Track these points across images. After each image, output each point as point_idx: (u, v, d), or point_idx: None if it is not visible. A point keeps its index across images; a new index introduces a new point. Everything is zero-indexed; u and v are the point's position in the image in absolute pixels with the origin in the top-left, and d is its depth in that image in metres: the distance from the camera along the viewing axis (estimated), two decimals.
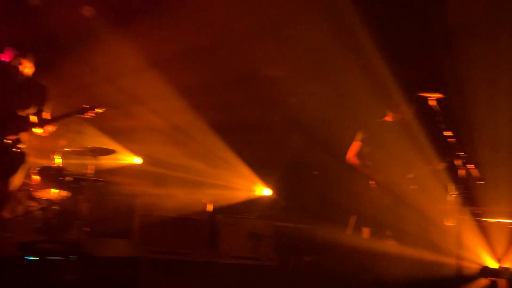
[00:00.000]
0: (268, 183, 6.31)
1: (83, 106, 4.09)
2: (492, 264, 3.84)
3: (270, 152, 6.37)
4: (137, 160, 5.99)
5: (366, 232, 4.43)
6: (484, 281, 3.81)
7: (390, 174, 4.23)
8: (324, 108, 6.11)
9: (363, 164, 4.43)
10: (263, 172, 6.26)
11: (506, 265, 3.82)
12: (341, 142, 5.94)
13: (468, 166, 3.29)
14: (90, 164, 4.88)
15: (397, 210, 4.08)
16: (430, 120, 3.92)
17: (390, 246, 4.16)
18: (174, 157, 5.89)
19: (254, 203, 6.19)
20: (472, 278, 3.77)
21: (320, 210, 6.39)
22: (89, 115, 4.09)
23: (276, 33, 5.54)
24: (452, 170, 3.69)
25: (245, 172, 6.15)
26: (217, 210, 5.72)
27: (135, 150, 5.93)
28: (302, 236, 6.12)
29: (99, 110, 4.11)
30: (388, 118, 4.48)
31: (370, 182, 4.33)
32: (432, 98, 3.74)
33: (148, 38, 5.64)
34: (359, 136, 4.53)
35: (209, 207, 5.59)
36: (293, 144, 6.45)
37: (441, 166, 3.96)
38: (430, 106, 3.78)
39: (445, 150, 3.84)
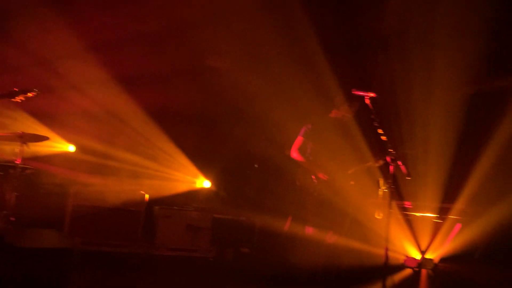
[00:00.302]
0: (208, 175, 6.29)
1: (13, 89, 3.86)
2: (416, 255, 4.08)
3: (211, 144, 6.35)
4: (71, 148, 5.74)
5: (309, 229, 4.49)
6: (408, 271, 4.05)
7: (332, 169, 4.34)
8: (267, 101, 6.16)
9: (306, 159, 4.47)
10: (203, 164, 6.22)
11: (429, 256, 4.08)
12: (283, 136, 6.05)
13: (398, 163, 3.43)
14: (19, 151, 4.61)
15: (335, 204, 4.20)
16: (366, 118, 4.07)
17: (326, 236, 4.25)
18: (111, 146, 5.70)
19: (193, 195, 6.15)
20: (397, 268, 3.99)
21: (260, 203, 6.48)
22: (19, 98, 3.87)
23: (220, 24, 5.51)
24: (384, 166, 3.87)
25: (185, 163, 6.08)
26: (155, 201, 5.62)
27: (69, 137, 5.68)
28: (240, 228, 6.18)
29: (30, 94, 3.89)
30: (332, 114, 4.59)
31: (312, 176, 4.41)
32: (367, 96, 3.87)
33: (86, 23, 5.40)
34: (302, 131, 4.60)
35: (146, 198, 5.48)
36: (234, 137, 6.45)
37: (377, 163, 4.11)
38: (366, 105, 3.89)
39: (379, 148, 4.00)
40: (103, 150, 5.68)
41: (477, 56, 5.07)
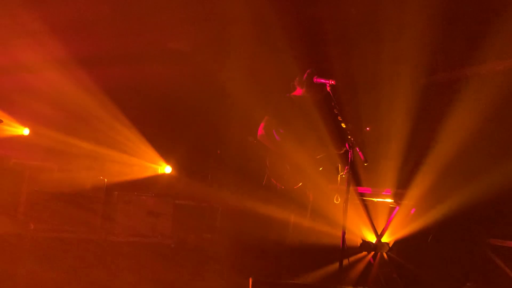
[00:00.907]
0: (169, 161, 6.22)
1: None
2: (372, 238, 4.20)
3: (173, 129, 6.27)
4: (26, 131, 5.53)
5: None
6: (363, 254, 4.17)
7: (301, 153, 4.11)
8: (231, 84, 6.12)
9: (273, 141, 4.21)
10: (165, 149, 6.14)
11: (384, 240, 4.21)
12: (248, 120, 6.04)
13: (356, 149, 3.49)
14: None
15: (303, 187, 4.11)
16: (328, 105, 4.11)
17: (290, 219, 4.24)
18: (68, 129, 5.51)
19: (154, 181, 6.08)
20: (354, 251, 4.10)
21: (223, 189, 6.48)
22: None
23: (181, 5, 5.40)
24: (343, 152, 3.94)
25: (146, 148, 5.99)
26: (114, 187, 5.52)
27: (23, 120, 5.47)
28: (202, 214, 6.17)
29: None
30: (298, 92, 4.28)
31: (282, 159, 4.16)
32: (327, 83, 3.91)
33: (44, 2, 5.18)
34: (270, 111, 4.29)
35: (105, 184, 5.37)
36: (196, 121, 6.40)
37: (340, 149, 4.08)
38: (327, 92, 3.93)
39: (339, 134, 4.05)
40: (60, 134, 5.49)
41: (431, 48, 5.23)
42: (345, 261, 3.36)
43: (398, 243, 4.28)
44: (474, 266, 4.45)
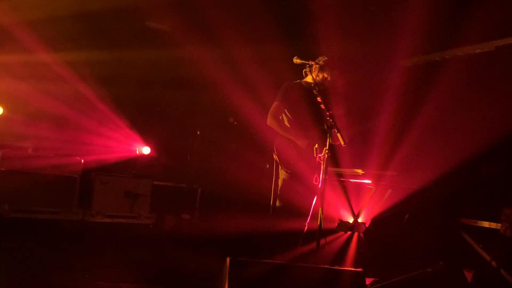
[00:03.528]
0: (148, 141, 6.15)
1: None
2: (349, 219, 4.27)
3: (152, 109, 6.19)
4: None
5: None
6: (340, 234, 4.24)
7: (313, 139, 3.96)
8: (212, 66, 6.04)
9: (282, 126, 4.11)
10: (144, 130, 6.07)
11: (361, 220, 4.28)
12: (228, 104, 6.00)
13: (333, 130, 3.49)
14: None
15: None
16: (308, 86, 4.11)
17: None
18: (44, 106, 5.35)
19: (132, 162, 6.02)
20: (331, 231, 4.17)
21: (202, 171, 6.46)
22: None
23: None
24: (321, 133, 3.94)
25: (124, 129, 5.90)
26: (92, 167, 5.44)
27: None
28: (181, 195, 6.16)
29: None
30: (308, 79, 4.15)
31: (291, 146, 4.06)
32: (307, 64, 3.90)
33: None
34: (279, 96, 4.15)
35: (82, 164, 5.29)
36: (176, 102, 6.32)
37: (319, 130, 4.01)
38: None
39: (318, 115, 4.05)
40: (35, 111, 5.34)
41: (413, 31, 5.25)
42: (323, 241, 3.41)
43: (374, 223, 4.36)
44: (447, 245, 4.58)
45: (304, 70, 4.09)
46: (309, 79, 4.12)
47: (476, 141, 4.57)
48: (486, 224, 4.32)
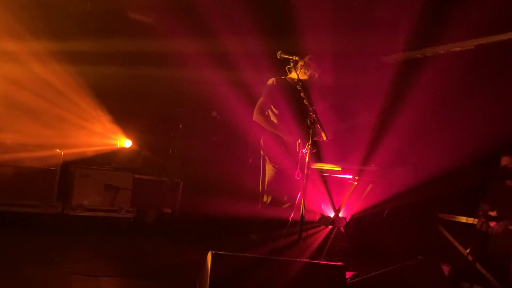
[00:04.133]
0: (129, 134, 6.08)
1: None
2: (330, 213, 4.31)
3: (134, 101, 6.10)
4: None
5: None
6: (322, 228, 4.28)
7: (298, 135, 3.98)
8: (195, 58, 5.99)
9: (268, 121, 4.14)
10: (125, 123, 5.99)
11: (341, 215, 4.32)
12: (211, 94, 5.96)
13: (317, 126, 3.51)
14: None
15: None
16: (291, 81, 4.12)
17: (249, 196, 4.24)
18: (22, 98, 5.21)
19: (113, 154, 5.94)
20: (313, 225, 4.20)
21: (184, 164, 6.43)
22: None
23: None
24: (304, 129, 3.95)
25: (105, 121, 5.82)
26: (71, 160, 5.36)
27: None
28: (163, 188, 6.12)
29: None
30: (293, 75, 4.15)
31: (278, 142, 4.09)
32: (292, 59, 3.90)
33: None
34: (265, 92, 4.20)
35: (62, 156, 5.20)
36: (158, 94, 6.25)
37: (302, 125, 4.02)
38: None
39: (301, 110, 4.07)
40: (13, 103, 5.21)
41: (396, 29, 5.32)
42: (304, 235, 3.43)
43: (355, 217, 4.41)
44: (425, 239, 4.67)
45: (287, 67, 4.09)
46: (293, 75, 4.13)
47: (456, 137, 4.67)
48: (463, 219, 4.42)
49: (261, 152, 4.27)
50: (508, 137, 4.58)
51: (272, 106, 4.18)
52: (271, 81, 4.23)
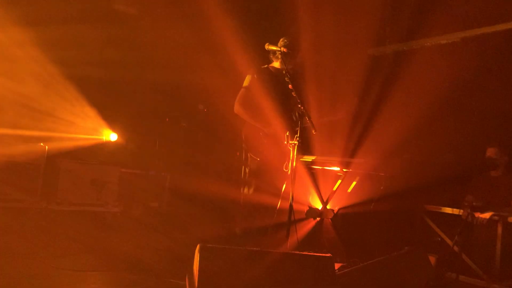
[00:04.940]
0: (115, 128, 5.99)
1: None
2: (318, 205, 4.33)
3: (119, 94, 6.02)
4: None
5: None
6: (310, 220, 4.30)
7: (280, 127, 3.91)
8: (182, 49, 5.91)
9: (249, 113, 4.01)
10: (110, 115, 5.90)
11: (329, 207, 4.34)
12: (196, 88, 5.91)
13: (305, 118, 3.50)
14: None
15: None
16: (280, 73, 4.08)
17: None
18: (4, 91, 5.09)
19: (98, 148, 5.86)
20: (301, 218, 4.21)
21: (171, 158, 6.38)
22: None
23: None
24: (291, 121, 3.95)
25: (90, 114, 5.73)
26: (56, 154, 5.27)
27: None
28: (150, 182, 6.07)
29: None
30: (275, 64, 4.09)
31: (260, 134, 3.99)
32: (279, 51, 3.88)
33: None
34: (246, 82, 4.04)
35: (46, 151, 5.11)
36: (143, 87, 6.17)
37: (290, 118, 4.00)
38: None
39: (289, 103, 4.05)
40: None
41: (380, 22, 5.33)
42: (292, 227, 3.43)
43: (343, 209, 4.43)
44: (411, 231, 4.72)
45: (271, 56, 4.05)
46: (276, 64, 4.09)
47: (441, 129, 4.71)
48: (448, 210, 4.48)
49: (243, 145, 4.15)
50: (493, 129, 4.64)
51: (254, 97, 4.03)
52: (252, 70, 4.09)
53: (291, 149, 3.50)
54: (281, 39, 4.02)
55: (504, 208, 4.21)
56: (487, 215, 4.10)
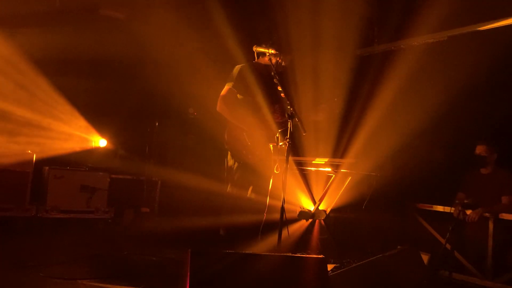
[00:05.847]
0: (104, 133, 5.95)
1: None
2: (310, 206, 4.31)
3: (108, 99, 5.97)
4: None
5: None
6: (302, 222, 4.28)
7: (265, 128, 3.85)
8: (169, 53, 5.88)
9: (234, 113, 3.84)
10: (99, 122, 5.85)
11: (321, 208, 4.33)
12: (188, 91, 5.87)
13: (295, 119, 3.48)
14: None
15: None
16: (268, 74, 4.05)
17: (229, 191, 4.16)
18: None
19: (87, 154, 5.80)
20: (293, 219, 4.19)
21: (162, 163, 6.33)
22: None
23: None
24: (282, 122, 3.94)
25: (78, 120, 5.68)
26: (45, 161, 5.21)
27: None
28: (140, 188, 6.02)
29: None
30: (262, 60, 3.99)
31: (243, 134, 3.86)
32: (267, 53, 3.87)
33: None
34: (231, 78, 3.88)
35: (34, 158, 5.05)
36: (132, 91, 6.14)
37: (280, 119, 3.98)
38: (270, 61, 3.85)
39: (278, 104, 4.04)
40: None
41: (365, 21, 5.34)
42: (284, 229, 3.41)
43: (335, 210, 4.42)
44: (404, 229, 4.72)
45: (256, 52, 3.95)
46: (262, 60, 4.03)
47: (430, 128, 4.72)
48: (440, 208, 4.49)
49: (225, 146, 4.02)
50: (482, 126, 4.67)
51: (238, 96, 3.88)
52: (237, 67, 3.92)
53: (282, 150, 3.48)
54: (269, 41, 4.01)
55: (495, 205, 4.23)
56: (478, 212, 4.11)
